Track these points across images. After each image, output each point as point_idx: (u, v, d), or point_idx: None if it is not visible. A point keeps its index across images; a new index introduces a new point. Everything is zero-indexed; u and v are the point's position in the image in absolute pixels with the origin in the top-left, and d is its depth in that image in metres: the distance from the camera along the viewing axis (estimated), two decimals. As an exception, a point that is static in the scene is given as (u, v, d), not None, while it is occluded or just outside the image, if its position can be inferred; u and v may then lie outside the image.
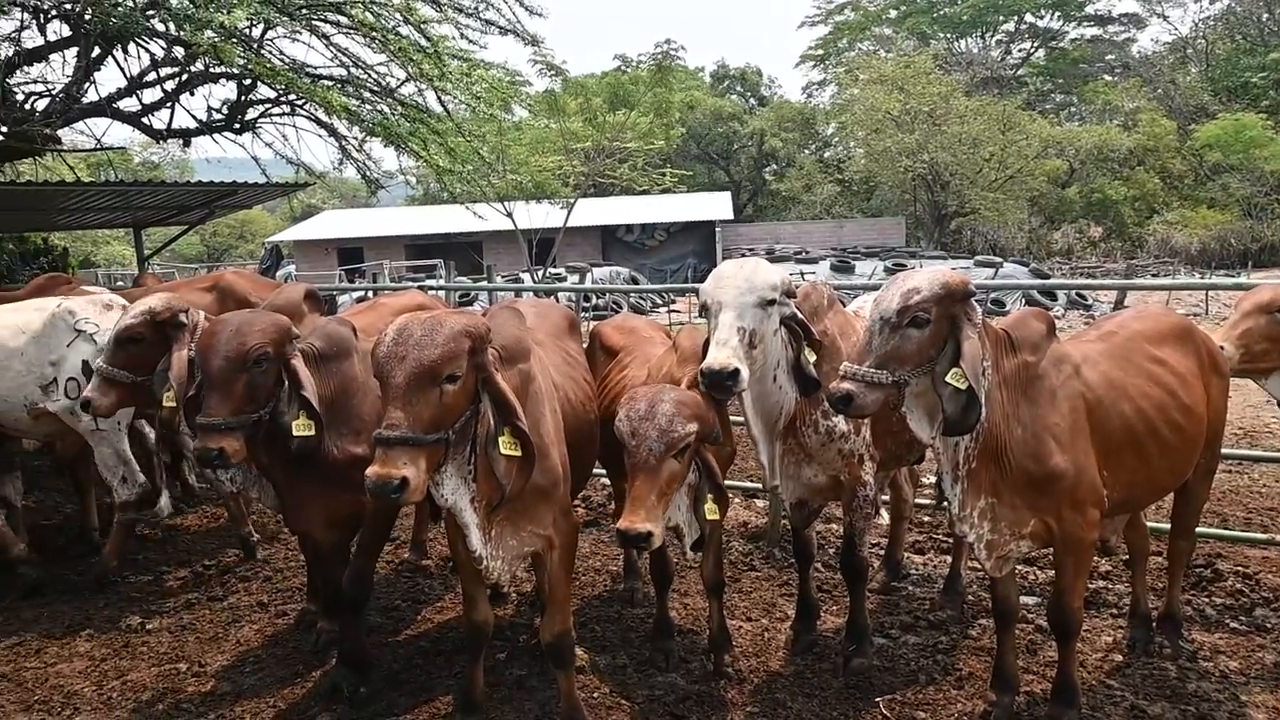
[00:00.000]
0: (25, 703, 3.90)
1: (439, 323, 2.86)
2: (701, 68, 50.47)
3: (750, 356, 3.26)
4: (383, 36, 10.24)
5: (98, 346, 4.90)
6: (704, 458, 3.26)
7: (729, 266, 3.43)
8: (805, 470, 3.84)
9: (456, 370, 2.83)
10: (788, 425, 3.66)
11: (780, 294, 3.38)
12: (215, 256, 42.90)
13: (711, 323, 3.34)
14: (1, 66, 9.80)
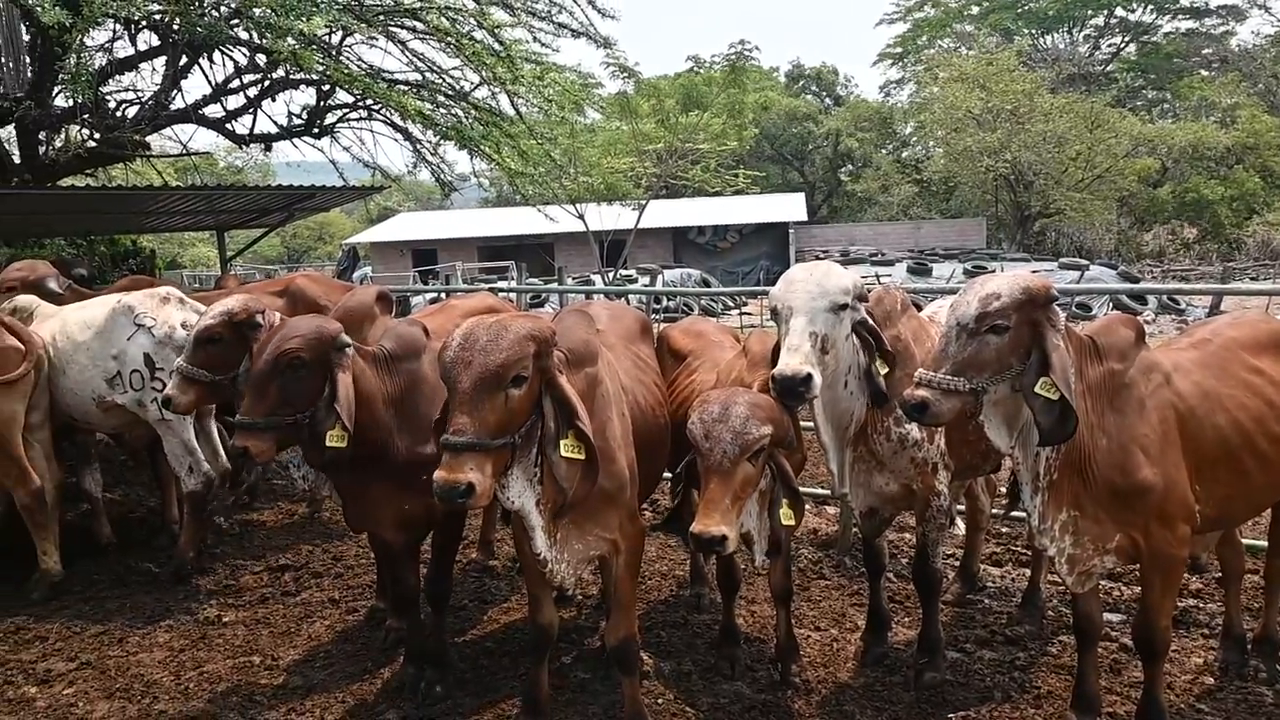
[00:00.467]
0: (108, 690, 4.03)
1: (504, 327, 2.86)
2: (776, 68, 50.10)
3: (822, 362, 3.19)
4: (457, 41, 10.39)
5: (156, 339, 5.12)
6: (778, 462, 3.20)
7: (799, 271, 3.36)
8: (876, 478, 3.75)
9: (522, 374, 2.83)
10: (858, 432, 3.58)
11: (852, 298, 3.30)
12: (295, 258, 44.11)
13: (782, 328, 3.27)
14: (95, 76, 10.23)
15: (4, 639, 4.56)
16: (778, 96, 40.98)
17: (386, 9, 10.50)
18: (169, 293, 5.45)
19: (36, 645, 4.49)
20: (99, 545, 5.74)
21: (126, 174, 14.87)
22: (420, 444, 3.68)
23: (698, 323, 4.82)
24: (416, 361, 3.75)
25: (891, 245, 32.23)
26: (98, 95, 10.07)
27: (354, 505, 3.84)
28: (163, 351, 5.11)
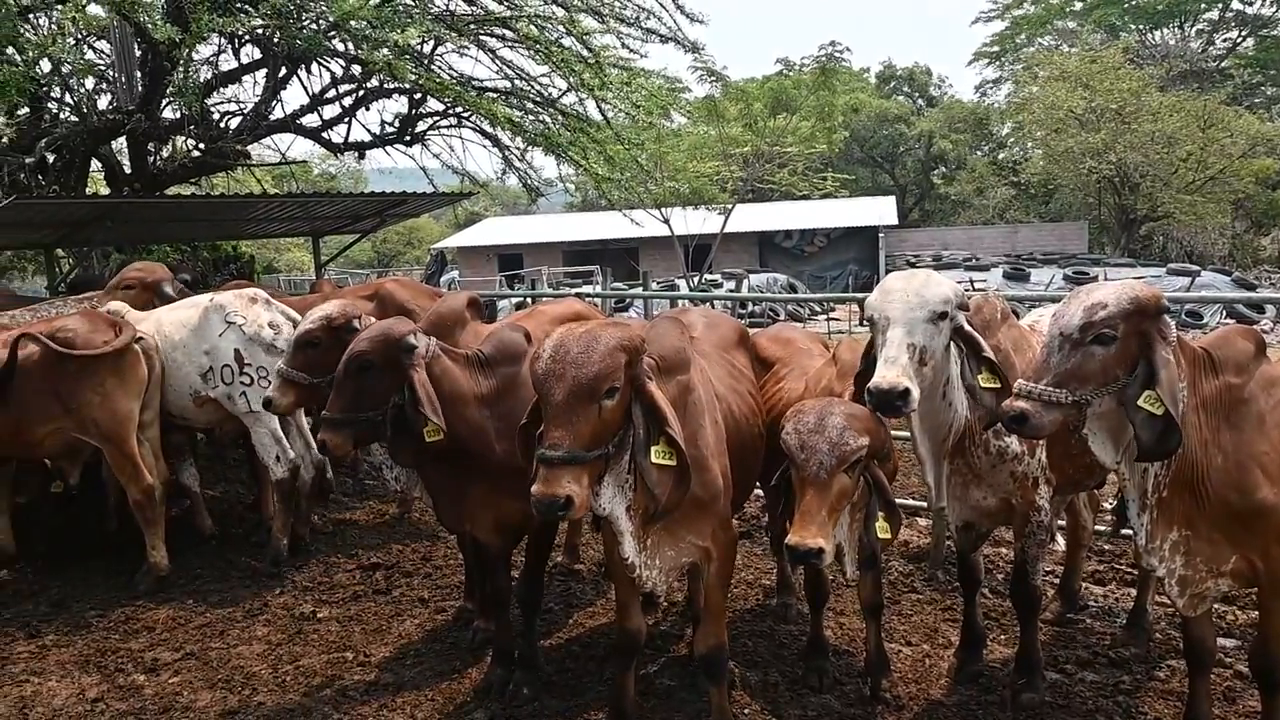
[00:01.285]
0: (210, 681, 4.18)
1: (594, 338, 2.88)
2: (866, 69, 49.23)
3: (920, 374, 3.09)
4: (546, 48, 10.52)
5: (246, 336, 5.46)
6: (874, 474, 3.14)
7: (897, 280, 3.27)
8: (974, 492, 3.64)
9: (614, 385, 2.85)
10: (956, 444, 3.47)
11: (953, 307, 3.20)
12: (385, 262, 45.21)
13: (879, 339, 3.19)
14: (201, 89, 10.69)
15: (115, 628, 4.77)
16: (868, 98, 40.25)
17: (478, 18, 10.70)
18: (256, 293, 5.80)
19: (144, 635, 4.69)
20: (201, 539, 5.98)
21: (228, 182, 15.51)
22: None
23: (785, 330, 4.76)
24: (516, 366, 3.78)
25: (986, 250, 31.31)
26: (204, 107, 10.52)
27: (449, 506, 3.92)
28: (251, 347, 5.46)
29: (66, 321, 5.22)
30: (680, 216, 23.36)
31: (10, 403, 5.10)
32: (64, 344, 5.02)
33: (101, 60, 11.76)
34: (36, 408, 5.10)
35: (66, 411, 5.10)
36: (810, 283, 30.02)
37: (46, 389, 5.07)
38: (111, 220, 9.49)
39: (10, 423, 5.14)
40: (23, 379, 5.08)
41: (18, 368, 5.08)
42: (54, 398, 5.08)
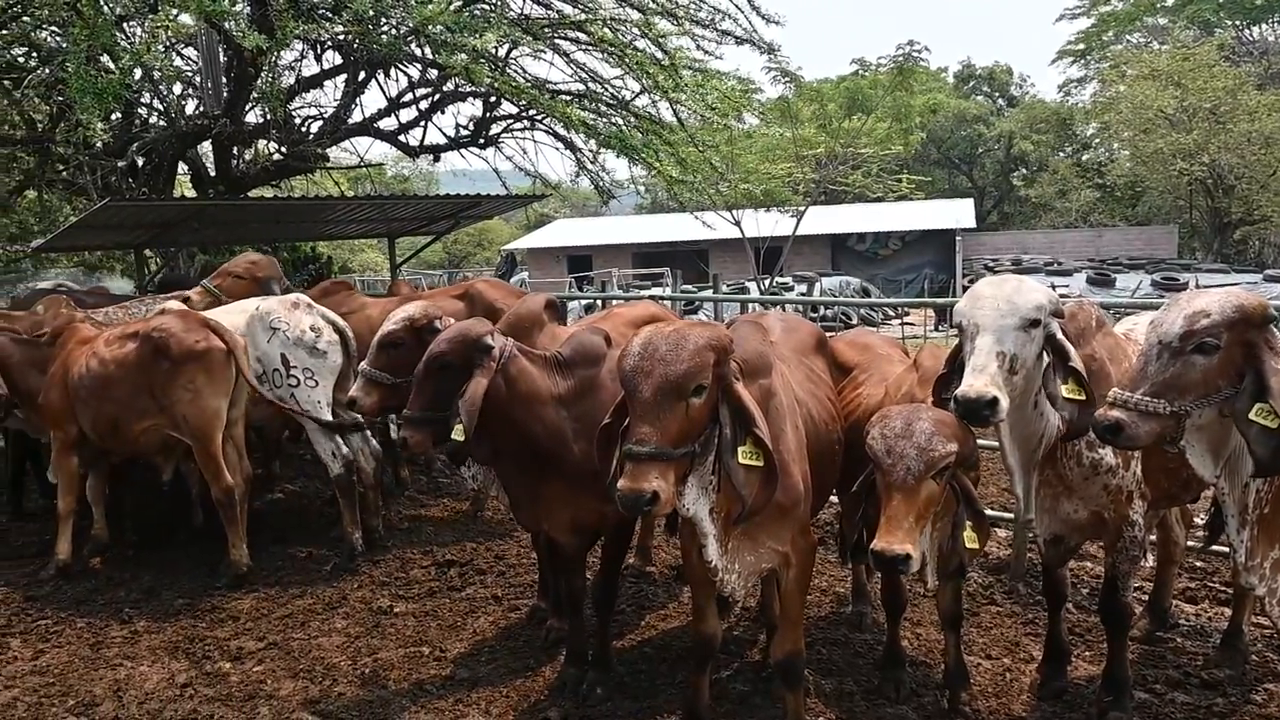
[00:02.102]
0: (293, 670, 4.29)
1: (684, 337, 2.89)
2: (944, 68, 48.22)
3: (1010, 383, 3.00)
4: (621, 51, 10.56)
5: (289, 340, 5.72)
6: (961, 482, 3.07)
7: (987, 286, 3.17)
8: (1064, 504, 3.53)
9: (702, 384, 2.86)
10: (1047, 454, 3.36)
11: (1046, 315, 3.09)
12: (455, 263, 45.81)
13: (967, 345, 3.11)
14: (284, 94, 11.00)
15: (201, 617, 4.94)
16: (946, 98, 39.44)
17: (553, 22, 10.80)
18: (298, 298, 6.06)
19: (229, 624, 4.84)
20: (285, 533, 6.15)
21: (307, 185, 15.92)
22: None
23: (863, 334, 4.70)
24: (595, 368, 3.80)
25: (1069, 254, 30.37)
26: (286, 112, 10.84)
27: (525, 505, 3.96)
28: (295, 351, 5.71)
29: (161, 320, 5.42)
30: (751, 218, 23.21)
31: (110, 399, 5.34)
32: (159, 343, 5.21)
33: (188, 67, 12.19)
34: (133, 405, 5.32)
35: (160, 409, 5.29)
36: (884, 286, 29.59)
37: (142, 386, 5.28)
38: (198, 222, 9.83)
39: (109, 419, 5.38)
40: (121, 376, 5.30)
41: (116, 365, 5.32)
42: (149, 395, 5.28)
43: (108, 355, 5.40)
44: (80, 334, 5.75)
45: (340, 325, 6.01)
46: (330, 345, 5.87)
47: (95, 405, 5.39)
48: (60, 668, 4.36)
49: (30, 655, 4.52)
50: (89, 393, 5.39)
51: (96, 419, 5.42)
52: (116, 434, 5.45)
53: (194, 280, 9.24)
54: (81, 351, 5.57)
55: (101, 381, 5.35)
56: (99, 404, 5.38)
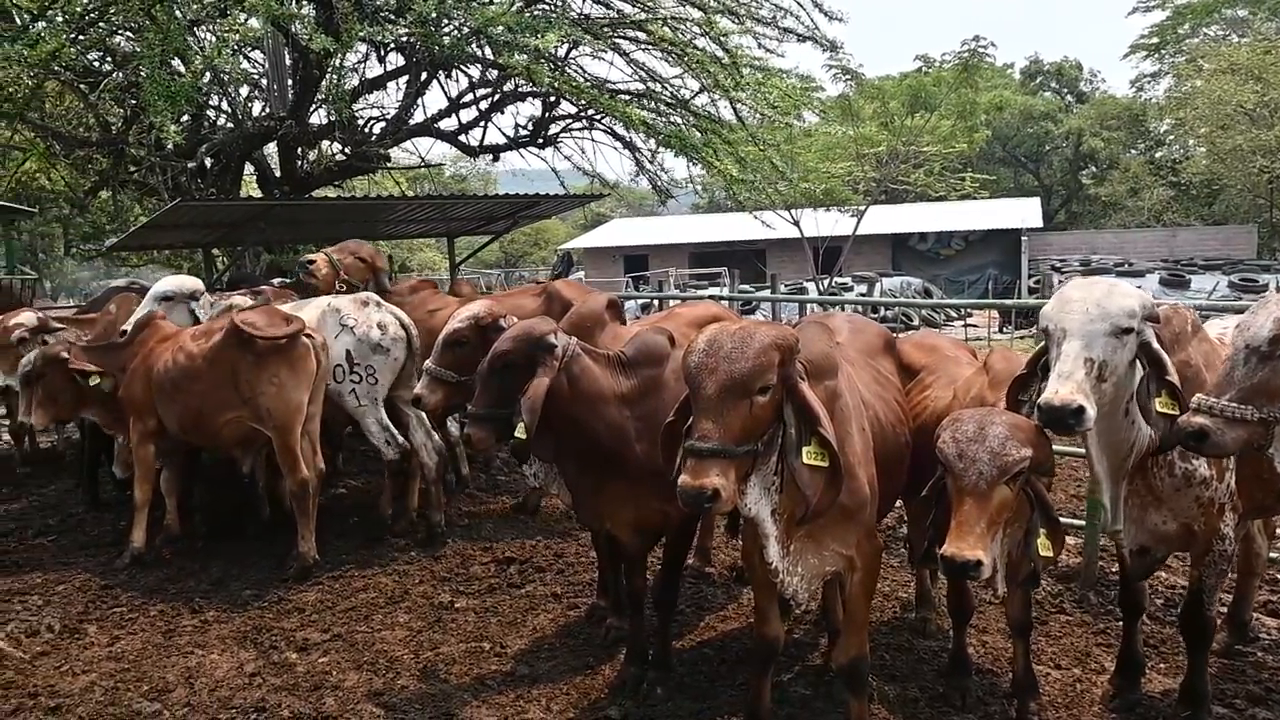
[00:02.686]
0: (357, 662, 4.35)
1: (749, 335, 2.88)
2: (1011, 64, 47.21)
3: (1098, 391, 2.89)
4: (681, 50, 10.54)
5: (356, 338, 5.88)
6: (1036, 488, 3.00)
7: (1076, 289, 3.06)
8: (1152, 515, 3.40)
9: (767, 382, 2.84)
10: (1137, 464, 3.24)
11: (1139, 320, 2.97)
12: (511, 262, 46.21)
13: (1053, 351, 3.01)
14: (349, 96, 11.19)
15: (269, 608, 5.03)
16: (1012, 95, 38.62)
17: (613, 21, 10.82)
18: (368, 297, 6.25)
19: (295, 616, 4.93)
20: (348, 527, 6.26)
21: (368, 185, 16.18)
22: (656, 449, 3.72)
23: (931, 336, 4.63)
24: (659, 368, 3.79)
25: (1141, 254, 29.46)
26: (351, 113, 11.03)
27: (587, 503, 3.97)
28: (361, 348, 5.88)
29: (247, 315, 5.54)
30: (811, 218, 22.99)
31: (194, 392, 5.49)
32: (245, 337, 5.34)
33: (255, 69, 12.48)
34: (217, 397, 5.46)
35: (243, 401, 5.42)
36: (946, 287, 29.02)
37: (228, 380, 5.41)
38: (264, 221, 10.04)
39: (194, 411, 5.54)
40: (206, 369, 5.44)
41: (202, 359, 5.48)
42: (232, 388, 5.41)
43: (194, 349, 5.55)
44: (162, 330, 5.92)
45: (406, 322, 6.15)
46: (394, 342, 6.01)
47: (180, 398, 5.55)
48: (135, 654, 4.49)
49: (106, 641, 4.65)
50: (174, 386, 5.55)
51: (182, 412, 5.58)
52: (200, 426, 5.61)
53: (262, 279, 9.47)
54: (164, 347, 5.74)
55: (187, 375, 5.50)
56: (184, 397, 5.54)
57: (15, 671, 4.30)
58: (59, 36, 8.64)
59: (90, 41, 10.03)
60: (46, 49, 8.44)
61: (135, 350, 5.84)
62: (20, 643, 4.61)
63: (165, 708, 3.94)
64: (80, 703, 4.00)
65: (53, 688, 4.14)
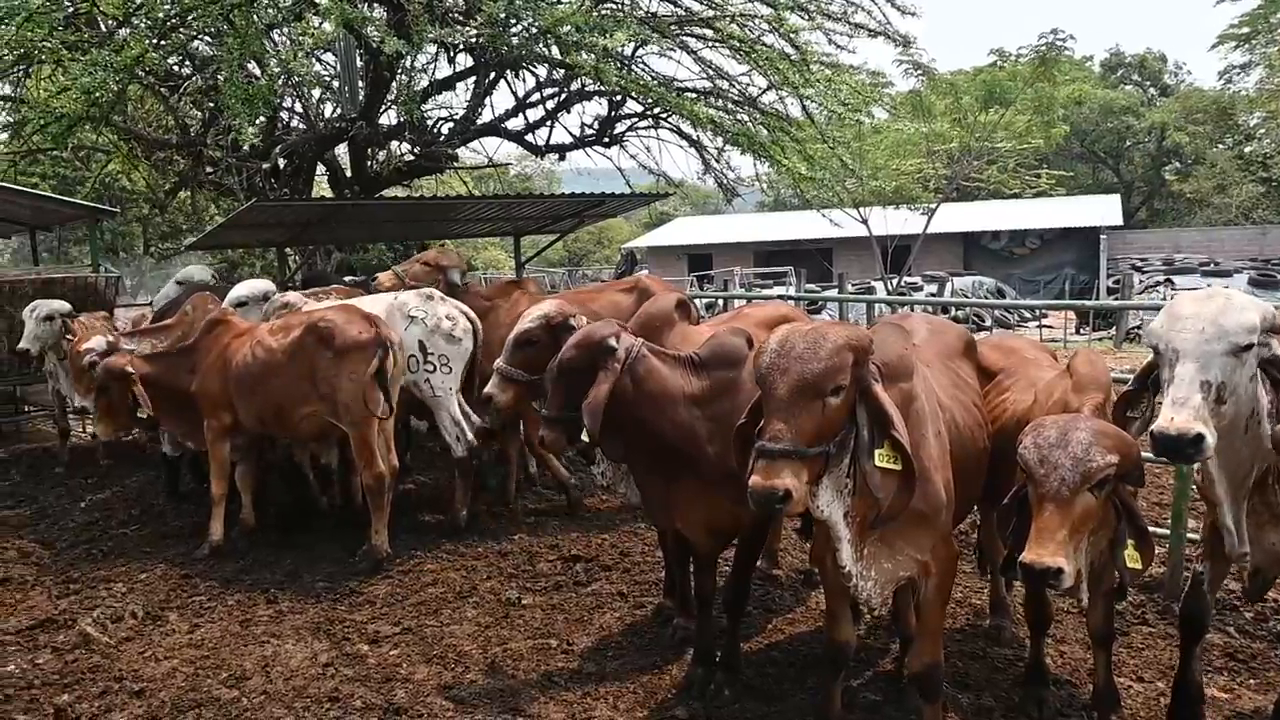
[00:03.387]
0: (426, 656, 4.40)
1: (822, 335, 2.85)
2: (1090, 56, 45.78)
3: (1217, 414, 2.74)
4: (749, 47, 10.46)
5: (427, 328, 6.04)
6: (1124, 498, 2.89)
7: (1188, 304, 2.88)
8: (1269, 535, 3.22)
9: (839, 383, 2.80)
10: (1257, 481, 3.09)
11: (1260, 335, 2.81)
12: (575, 261, 46.40)
13: (1165, 373, 2.87)
14: (418, 96, 11.35)
15: (341, 600, 5.13)
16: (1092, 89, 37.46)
17: (680, 19, 10.78)
18: (432, 291, 6.41)
19: (366, 608, 5.01)
20: (417, 522, 6.36)
21: (436, 184, 16.41)
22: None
23: (1009, 338, 4.51)
24: (734, 370, 3.75)
25: (1228, 253, 28.32)
26: (421, 114, 11.19)
27: (658, 504, 3.96)
28: (433, 338, 6.01)
29: (325, 312, 5.67)
30: (879, 216, 22.63)
31: (273, 388, 5.63)
32: (324, 333, 5.46)
33: (326, 71, 12.74)
34: (296, 392, 5.59)
35: (321, 396, 5.53)
36: (1020, 287, 28.31)
37: (306, 375, 5.53)
38: (335, 221, 10.25)
39: (272, 406, 5.68)
40: (284, 365, 5.58)
41: (281, 354, 5.61)
42: (310, 383, 5.53)
43: (272, 345, 5.69)
44: (235, 328, 6.06)
45: (471, 315, 6.27)
46: (465, 333, 6.13)
47: (258, 393, 5.69)
48: (213, 642, 4.61)
49: (187, 629, 4.79)
50: (253, 381, 5.68)
51: (261, 406, 5.72)
52: (279, 420, 5.75)
53: (336, 277, 9.67)
54: (239, 342, 5.88)
55: (265, 370, 5.64)
56: (262, 392, 5.67)
57: (102, 655, 4.46)
58: (142, 42, 8.92)
59: (172, 46, 10.35)
60: (131, 54, 8.73)
61: (208, 347, 5.97)
62: (106, 628, 4.78)
63: (243, 695, 4.04)
64: (163, 687, 4.12)
65: (137, 672, 4.28)
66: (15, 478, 8.31)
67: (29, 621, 4.90)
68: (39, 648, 4.60)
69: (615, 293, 6.39)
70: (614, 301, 6.17)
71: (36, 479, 8.24)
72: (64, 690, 4.13)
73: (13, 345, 8.34)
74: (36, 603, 5.21)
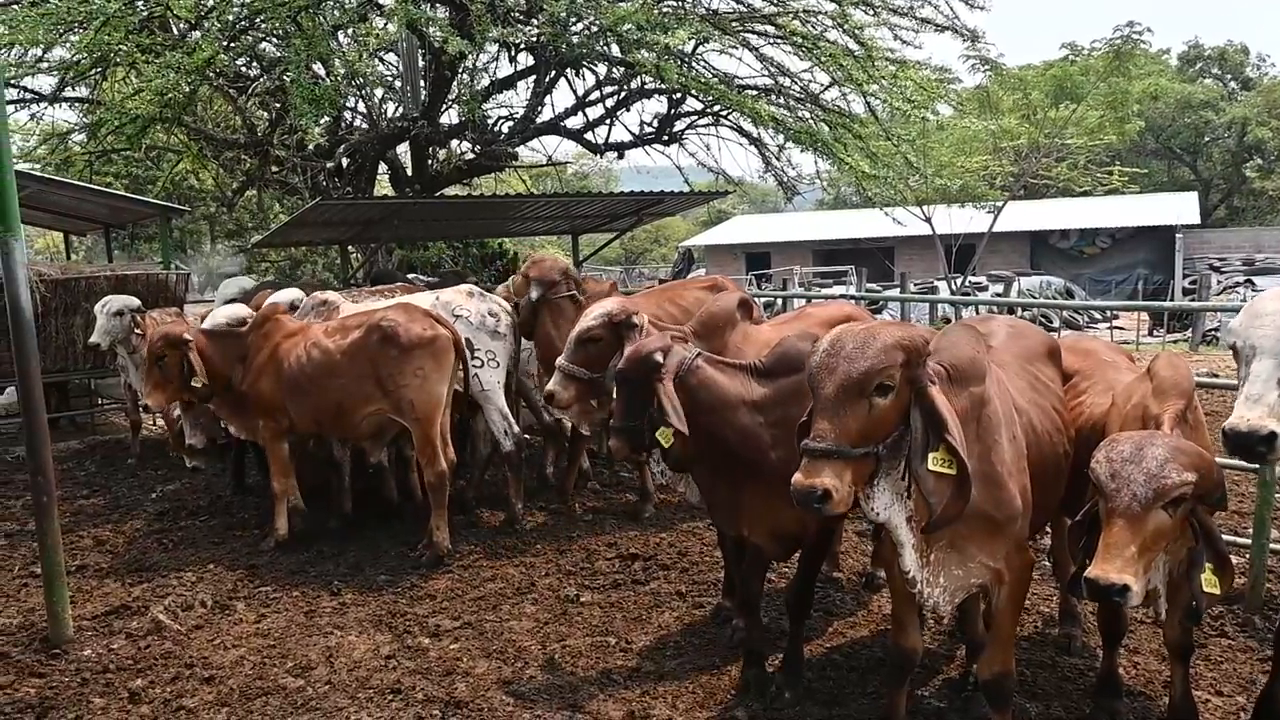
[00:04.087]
0: (486, 651, 4.43)
1: (872, 335, 2.81)
2: (1167, 49, 44.36)
3: None
4: (812, 43, 10.33)
5: (472, 325, 6.13)
6: (1202, 519, 2.79)
7: (1270, 301, 2.82)
8: None
9: (886, 383, 2.75)
10: None
11: None
12: (632, 259, 46.44)
13: (1242, 370, 2.81)
14: (479, 96, 11.45)
15: (402, 593, 5.18)
16: (1168, 83, 36.26)
17: (742, 15, 10.70)
18: (471, 289, 6.53)
19: (427, 602, 5.06)
20: (470, 521, 6.42)
21: (495, 183, 16.52)
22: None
23: (1085, 340, 4.39)
24: (801, 375, 3.72)
25: (1313, 253, 27.30)
26: (482, 113, 11.29)
27: (723, 510, 3.95)
28: (478, 335, 6.10)
29: (387, 312, 5.70)
30: (943, 214, 22.20)
31: (334, 388, 5.65)
32: (389, 332, 5.50)
33: (389, 71, 12.92)
34: (359, 391, 5.61)
35: (385, 394, 5.57)
36: (1090, 287, 27.53)
37: (369, 373, 5.56)
38: (397, 219, 10.38)
39: (333, 406, 5.70)
40: (347, 364, 5.60)
41: (342, 354, 5.63)
42: (375, 382, 5.56)
43: (330, 345, 5.71)
44: (286, 327, 6.00)
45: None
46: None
47: (317, 394, 5.68)
48: (279, 631, 4.70)
49: (254, 618, 4.89)
50: (311, 382, 5.68)
51: (318, 406, 5.72)
52: (339, 421, 5.76)
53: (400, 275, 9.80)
54: (291, 343, 5.85)
55: (324, 371, 5.65)
56: (321, 392, 5.67)
57: (173, 643, 4.58)
58: (214, 45, 9.14)
59: (241, 48, 10.59)
60: (202, 57, 8.95)
61: (258, 345, 5.93)
62: (177, 616, 4.90)
63: (308, 684, 4.10)
64: (231, 675, 4.21)
65: (206, 660, 4.38)
66: (90, 468, 8.62)
67: (104, 608, 5.06)
68: (114, 633, 4.74)
69: (697, 290, 6.39)
70: (698, 299, 6.15)
71: (110, 469, 8.54)
72: (138, 675, 4.24)
73: (87, 340, 8.65)
74: (111, 590, 5.37)
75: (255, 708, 3.92)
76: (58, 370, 9.25)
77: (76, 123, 13.72)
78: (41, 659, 4.44)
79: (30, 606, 5.12)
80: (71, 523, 6.63)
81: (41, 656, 4.46)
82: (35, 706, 3.99)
